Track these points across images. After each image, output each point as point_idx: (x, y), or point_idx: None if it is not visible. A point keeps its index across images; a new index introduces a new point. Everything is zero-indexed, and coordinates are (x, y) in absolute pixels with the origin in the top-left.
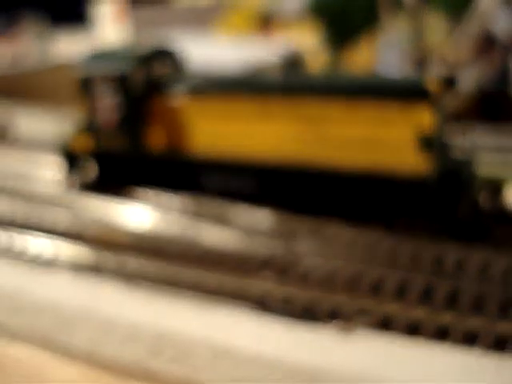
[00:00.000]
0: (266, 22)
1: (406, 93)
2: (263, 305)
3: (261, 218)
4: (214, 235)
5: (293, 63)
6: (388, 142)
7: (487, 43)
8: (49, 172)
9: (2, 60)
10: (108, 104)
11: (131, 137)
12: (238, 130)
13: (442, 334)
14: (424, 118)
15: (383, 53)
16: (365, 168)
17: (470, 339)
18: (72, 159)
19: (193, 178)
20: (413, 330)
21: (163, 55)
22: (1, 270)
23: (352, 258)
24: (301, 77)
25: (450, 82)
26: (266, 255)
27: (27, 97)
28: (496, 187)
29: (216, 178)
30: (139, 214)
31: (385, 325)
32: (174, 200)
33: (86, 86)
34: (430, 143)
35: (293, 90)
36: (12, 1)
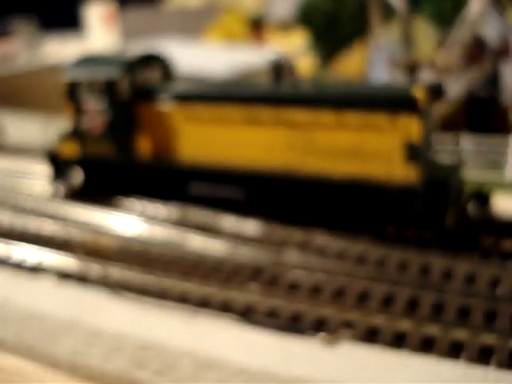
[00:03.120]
0: (257, 26)
1: (394, 103)
2: (249, 316)
3: (249, 228)
4: (202, 246)
5: (281, 69)
6: (375, 152)
7: (477, 50)
8: (35, 178)
9: None
10: (95, 109)
11: (118, 143)
12: (226, 138)
13: (427, 346)
14: (411, 128)
15: (374, 59)
16: (352, 177)
17: (455, 351)
18: (58, 165)
19: (181, 185)
20: (398, 341)
21: (151, 61)
22: None
23: (339, 269)
24: (289, 85)
25: (438, 91)
26: (253, 266)
27: (15, 99)
28: (483, 196)
29: (204, 185)
30: (126, 224)
31: (370, 336)
32: (161, 210)
33: (72, 91)
34: (417, 153)
35: (281, 98)
36: (4, 5)
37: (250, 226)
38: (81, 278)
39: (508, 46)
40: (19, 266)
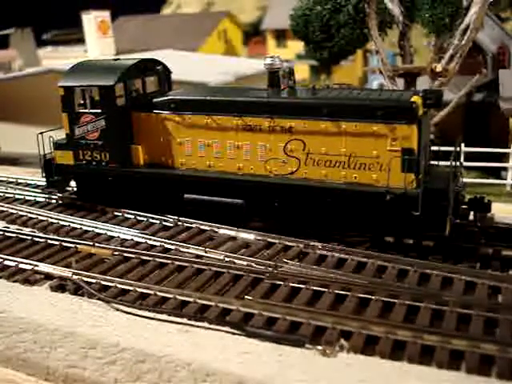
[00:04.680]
0: (254, 33)
1: (392, 112)
2: (247, 327)
3: (246, 238)
4: (199, 256)
5: (278, 74)
6: (374, 160)
7: (476, 56)
8: (29, 187)
9: None
10: (90, 116)
11: (113, 150)
12: (222, 146)
13: (427, 355)
14: (409, 136)
15: (372, 66)
16: (351, 185)
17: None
18: (53, 173)
19: (177, 193)
20: (397, 351)
21: (147, 68)
22: None
23: (337, 279)
24: (286, 93)
25: (436, 98)
26: (251, 276)
27: (10, 105)
28: (482, 204)
29: (201, 194)
30: (121, 233)
31: (369, 346)
32: (157, 219)
33: (67, 98)
34: (416, 161)
35: (278, 107)
36: (2, 15)
37: (248, 236)
38: (76, 289)
39: (506, 52)
40: (13, 277)
